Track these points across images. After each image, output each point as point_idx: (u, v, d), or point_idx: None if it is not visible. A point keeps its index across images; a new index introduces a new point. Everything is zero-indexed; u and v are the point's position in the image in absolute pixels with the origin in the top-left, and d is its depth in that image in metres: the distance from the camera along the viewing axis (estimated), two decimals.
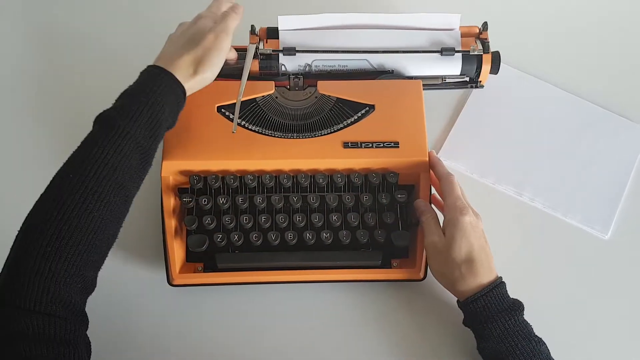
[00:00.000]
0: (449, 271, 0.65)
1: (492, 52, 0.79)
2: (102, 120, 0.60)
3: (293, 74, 0.78)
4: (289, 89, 0.78)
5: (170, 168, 0.70)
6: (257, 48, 0.76)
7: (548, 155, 0.81)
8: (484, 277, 0.64)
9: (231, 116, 0.73)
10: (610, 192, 0.79)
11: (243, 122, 0.73)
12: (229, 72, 0.74)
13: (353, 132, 0.73)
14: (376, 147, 0.72)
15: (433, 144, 0.82)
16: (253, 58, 0.74)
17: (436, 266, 0.67)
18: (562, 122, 0.84)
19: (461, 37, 0.79)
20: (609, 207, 0.78)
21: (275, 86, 0.76)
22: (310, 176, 0.71)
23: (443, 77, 0.80)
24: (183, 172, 0.71)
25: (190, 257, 0.70)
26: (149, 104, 0.61)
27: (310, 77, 0.78)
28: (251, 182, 0.70)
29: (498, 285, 0.64)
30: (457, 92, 0.86)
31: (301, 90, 0.78)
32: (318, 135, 0.73)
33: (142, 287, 0.68)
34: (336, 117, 0.75)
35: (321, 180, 0.71)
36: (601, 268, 0.75)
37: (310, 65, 0.79)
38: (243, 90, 0.70)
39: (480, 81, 0.81)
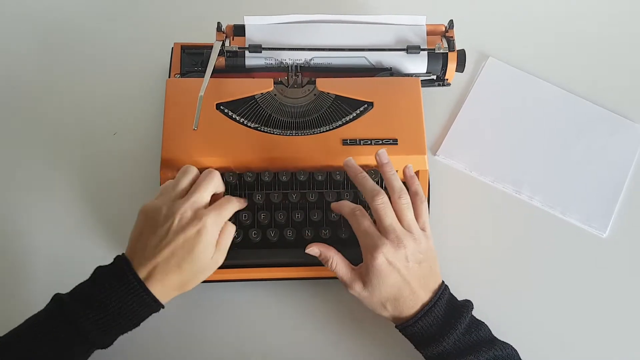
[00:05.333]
0: (379, 312, 0.63)
1: (457, 50, 0.79)
2: (62, 313, 0.57)
3: (292, 70, 0.78)
4: (287, 86, 0.78)
5: (169, 165, 0.70)
6: (223, 45, 0.76)
7: (546, 153, 0.81)
8: (413, 307, 0.61)
9: (230, 113, 0.73)
10: (608, 191, 0.79)
11: (242, 120, 0.73)
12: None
13: (352, 130, 0.73)
14: (375, 144, 0.72)
15: (432, 142, 0.82)
16: (219, 55, 0.75)
17: (368, 306, 0.64)
18: (560, 120, 0.84)
19: (427, 35, 0.80)
20: (607, 206, 0.78)
21: (274, 83, 0.76)
22: (309, 173, 0.71)
23: (410, 75, 0.80)
24: None
25: None
26: (120, 319, 0.57)
27: (309, 70, 0.78)
28: (250, 179, 0.70)
29: (431, 307, 0.61)
30: (457, 90, 0.86)
31: (300, 87, 0.78)
32: (317, 133, 0.73)
33: None
34: (335, 115, 0.75)
35: (320, 177, 0.71)
36: (599, 266, 0.75)
37: (309, 62, 0.79)
38: (205, 87, 0.69)
39: (447, 79, 0.81)
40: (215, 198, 0.64)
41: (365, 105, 0.75)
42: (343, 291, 0.64)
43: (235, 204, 0.65)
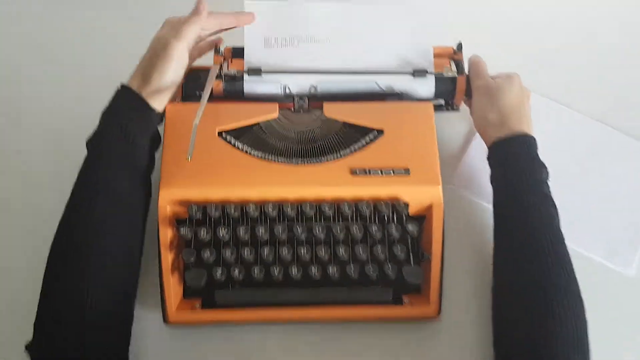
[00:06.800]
0: (491, 114, 0.70)
1: (466, 74, 0.75)
2: (86, 145, 0.66)
3: (298, 96, 0.74)
4: (293, 112, 0.74)
5: (168, 197, 0.66)
6: (220, 69, 0.73)
7: (565, 182, 0.77)
8: (522, 128, 0.68)
9: (232, 141, 0.69)
10: (634, 226, 0.75)
11: (245, 148, 0.69)
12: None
13: (361, 158, 0.69)
14: (385, 174, 0.68)
15: (444, 170, 0.78)
16: (216, 79, 0.73)
17: (479, 107, 0.72)
18: (579, 146, 0.80)
19: (434, 57, 0.76)
20: (633, 242, 0.74)
21: (280, 108, 0.72)
22: (316, 205, 0.67)
23: (418, 100, 0.76)
24: (181, 202, 0.67)
25: (188, 293, 0.66)
26: (114, 123, 0.65)
27: (316, 99, 0.74)
28: (253, 212, 0.66)
29: (533, 139, 0.68)
30: (468, 114, 0.82)
31: (306, 113, 0.74)
32: (324, 161, 0.69)
33: (137, 327, 0.63)
34: (343, 142, 0.71)
35: (327, 210, 0.66)
36: (625, 305, 0.70)
37: (315, 88, 0.75)
38: (201, 115, 0.65)
39: (456, 104, 0.77)
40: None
41: (375, 133, 0.71)
42: (353, 334, 0.60)
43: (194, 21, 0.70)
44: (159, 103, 0.68)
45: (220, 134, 0.70)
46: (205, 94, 0.68)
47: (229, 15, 0.73)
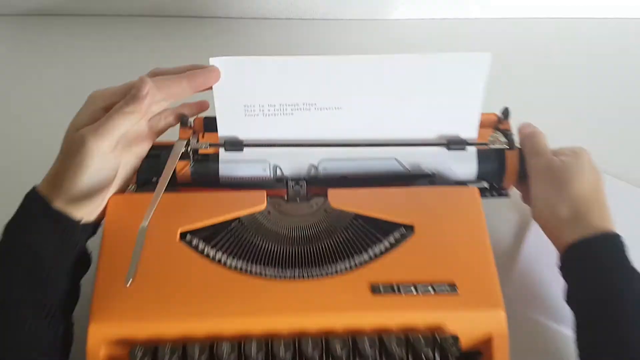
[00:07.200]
0: (561, 207, 0.51)
1: (518, 148, 0.56)
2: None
3: (293, 180, 0.54)
4: (286, 201, 0.54)
5: (101, 335, 0.44)
6: (187, 145, 0.54)
7: None
8: (606, 225, 0.50)
9: (201, 247, 0.49)
10: None
11: (218, 256, 0.49)
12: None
13: (384, 269, 0.48)
14: (422, 292, 0.47)
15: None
16: (182, 159, 0.53)
17: (542, 195, 0.53)
18: None
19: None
20: None
21: (268, 196, 0.52)
22: (322, 341, 0.45)
23: (459, 184, 0.57)
24: (121, 341, 0.45)
25: None
26: (17, 240, 0.46)
27: (318, 184, 0.55)
28: (228, 355, 0.44)
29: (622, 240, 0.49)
30: (518, 201, 0.62)
31: (304, 202, 0.54)
32: (332, 274, 0.48)
33: None
34: (357, 244, 0.50)
35: (339, 349, 0.45)
36: None
37: (317, 167, 0.55)
38: (152, 213, 0.47)
39: (504, 189, 0.58)
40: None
41: (402, 230, 0.50)
42: None
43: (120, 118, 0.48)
44: (85, 211, 0.48)
45: (183, 236, 0.49)
46: (163, 182, 0.49)
47: (178, 81, 0.51)
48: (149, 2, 0.79)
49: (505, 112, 0.59)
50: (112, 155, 0.49)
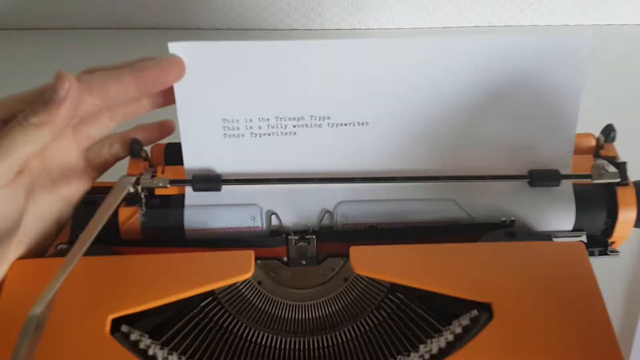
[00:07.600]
0: None
1: (635, 183, 0.38)
2: None
3: (296, 233, 0.36)
4: (286, 265, 0.35)
5: None
6: (137, 183, 0.36)
7: None
8: None
9: (143, 345, 0.30)
10: None
11: (172, 359, 0.29)
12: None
13: None
14: None
15: None
16: (127, 203, 0.37)
17: None
18: None
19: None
20: None
21: (257, 260, 0.34)
22: None
23: (549, 236, 0.38)
24: None
25: None
26: None
27: (334, 238, 0.36)
28: None
29: None
30: (629, 260, 0.42)
31: (313, 265, 0.36)
32: None
33: None
34: (397, 337, 0.32)
35: None
36: None
37: (332, 213, 0.37)
38: (65, 275, 0.30)
39: (611, 242, 0.39)
40: None
41: (474, 312, 0.31)
42: None
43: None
44: None
45: (116, 326, 0.30)
46: (83, 240, 0.31)
47: (118, 76, 0.34)
48: (131, 14, 0.68)
49: (608, 131, 0.40)
50: (12, 192, 0.32)
